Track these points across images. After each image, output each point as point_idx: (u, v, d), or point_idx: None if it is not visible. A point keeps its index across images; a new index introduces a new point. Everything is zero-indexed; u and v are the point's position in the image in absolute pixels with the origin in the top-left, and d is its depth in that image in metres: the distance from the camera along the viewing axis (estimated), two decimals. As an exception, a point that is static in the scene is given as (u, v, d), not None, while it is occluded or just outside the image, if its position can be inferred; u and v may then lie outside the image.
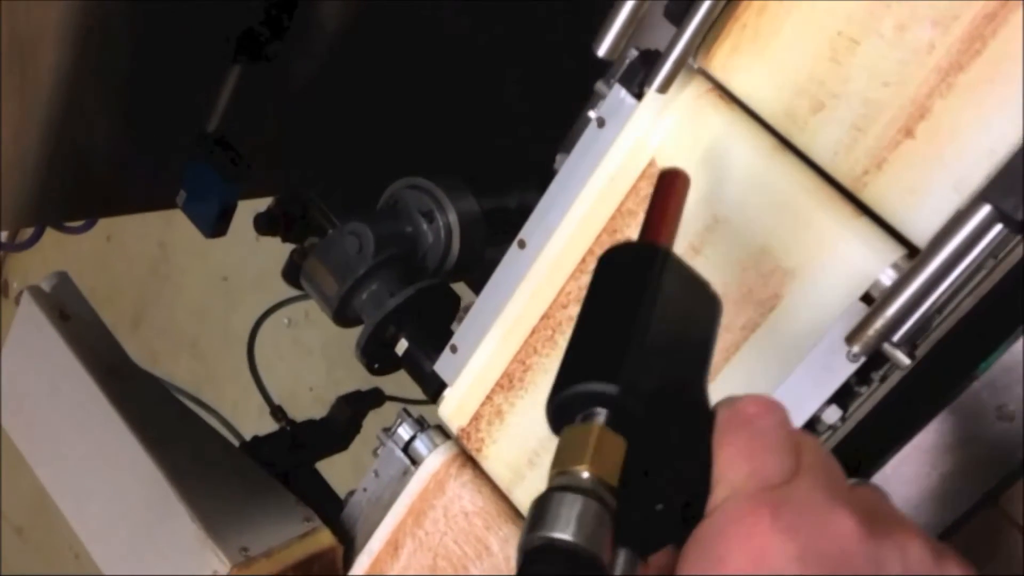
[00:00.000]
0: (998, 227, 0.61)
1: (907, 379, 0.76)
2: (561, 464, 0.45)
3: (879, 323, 0.62)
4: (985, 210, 0.59)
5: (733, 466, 0.44)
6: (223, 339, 3.80)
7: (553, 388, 0.49)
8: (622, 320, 0.49)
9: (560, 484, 0.44)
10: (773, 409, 0.47)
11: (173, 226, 4.10)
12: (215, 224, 1.11)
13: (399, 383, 1.61)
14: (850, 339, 0.66)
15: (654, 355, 0.47)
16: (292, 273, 1.54)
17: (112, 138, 1.07)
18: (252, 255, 3.57)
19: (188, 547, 1.05)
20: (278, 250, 1.71)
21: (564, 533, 0.42)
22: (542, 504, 0.44)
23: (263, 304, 1.76)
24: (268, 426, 1.38)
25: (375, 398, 1.43)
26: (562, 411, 0.48)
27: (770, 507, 0.42)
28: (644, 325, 0.48)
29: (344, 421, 1.36)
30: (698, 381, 0.50)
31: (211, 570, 1.02)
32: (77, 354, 1.14)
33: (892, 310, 0.61)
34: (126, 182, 1.14)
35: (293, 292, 1.66)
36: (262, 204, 1.58)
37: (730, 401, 0.48)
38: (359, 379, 1.56)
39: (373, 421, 1.39)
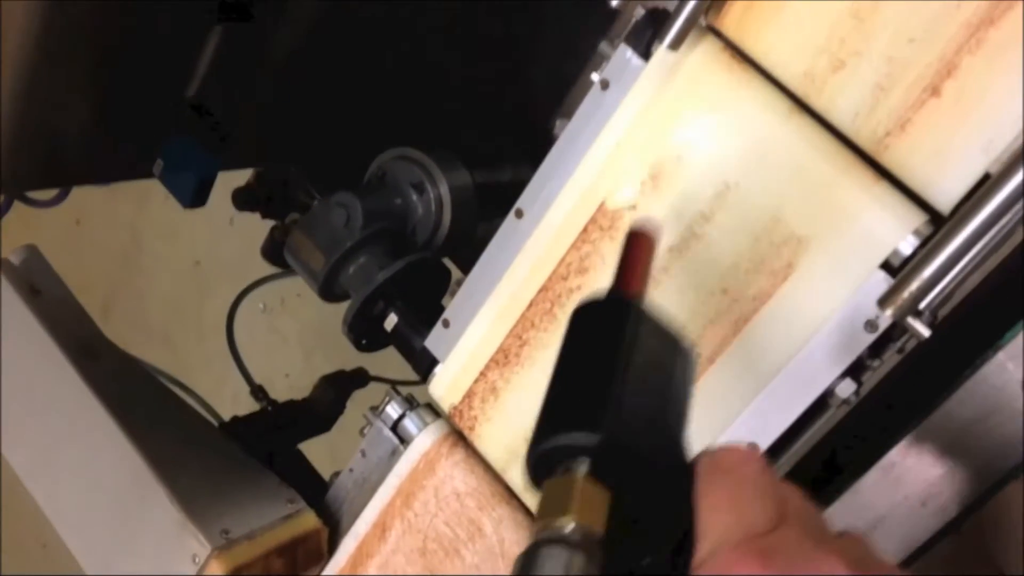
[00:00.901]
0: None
1: (926, 350, 0.73)
2: (545, 516, 0.45)
3: (915, 285, 0.59)
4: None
5: (718, 516, 0.44)
6: (196, 328, 3.74)
7: (533, 439, 0.49)
8: (599, 371, 0.49)
9: (545, 537, 0.43)
10: (753, 457, 0.47)
11: (144, 209, 4.02)
12: (194, 195, 1.06)
13: (384, 366, 1.58)
14: (883, 302, 0.63)
15: (633, 405, 0.47)
16: (272, 251, 1.50)
17: (85, 102, 1.01)
18: (226, 238, 3.51)
19: (167, 530, 1.00)
20: (253, 233, 1.66)
21: None
22: (528, 558, 0.43)
23: (237, 290, 1.71)
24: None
25: (359, 378, 1.39)
26: (543, 462, 0.48)
27: (759, 556, 0.41)
28: (622, 375, 0.48)
29: (327, 402, 1.32)
30: (677, 430, 0.50)
31: (191, 553, 0.98)
32: (49, 331, 1.09)
33: (930, 270, 0.58)
34: (100, 149, 1.09)
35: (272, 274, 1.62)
36: (239, 180, 1.53)
37: (710, 451, 0.48)
38: (337, 367, 1.52)
39: (357, 404, 1.36)
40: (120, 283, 3.94)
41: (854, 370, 0.76)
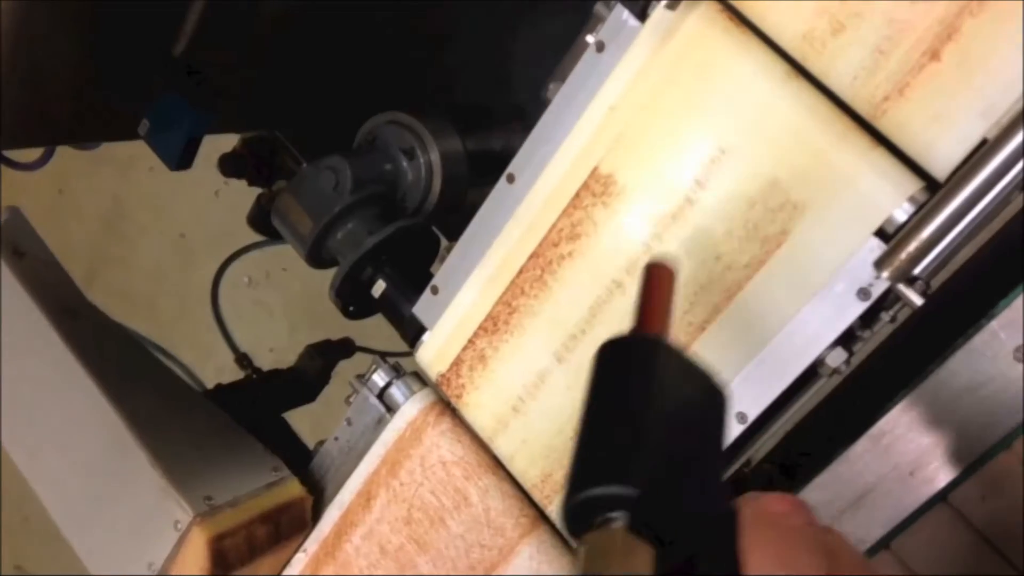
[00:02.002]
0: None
1: (918, 319, 0.73)
2: (590, 573, 0.43)
3: (912, 247, 0.58)
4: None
5: (767, 569, 0.43)
6: (180, 300, 3.71)
7: (568, 489, 0.47)
8: (630, 418, 0.48)
9: None
10: (800, 508, 0.46)
11: (128, 180, 3.98)
12: (180, 157, 1.04)
13: (372, 338, 1.57)
14: (880, 265, 0.62)
15: (668, 451, 0.46)
16: (258, 219, 1.48)
17: (70, 59, 0.99)
18: (211, 210, 3.48)
19: (149, 496, 0.99)
20: (238, 205, 1.63)
21: None
22: None
23: (222, 260, 1.69)
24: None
25: (346, 348, 1.37)
26: (579, 514, 0.46)
27: None
28: (654, 422, 0.47)
29: (313, 371, 1.31)
30: (715, 474, 0.49)
31: (173, 519, 0.97)
32: (32, 293, 1.07)
33: (927, 232, 0.57)
34: (85, 108, 1.07)
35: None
36: (225, 147, 1.51)
37: (754, 498, 0.46)
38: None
39: (342, 377, 1.34)
40: (103, 254, 3.90)
41: (845, 339, 0.76)
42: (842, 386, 0.78)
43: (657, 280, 0.57)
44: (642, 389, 0.49)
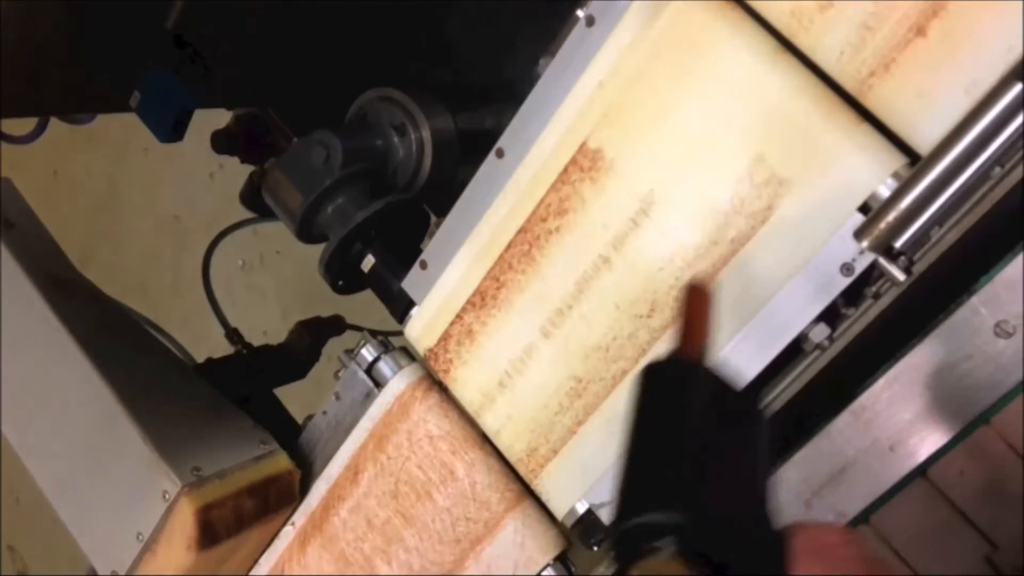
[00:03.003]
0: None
1: (901, 297, 0.73)
2: None
3: (892, 216, 0.59)
4: (1017, 89, 0.55)
5: None
6: (173, 282, 3.71)
7: (616, 517, 0.48)
8: (677, 444, 0.48)
9: None
10: (852, 540, 0.46)
11: (123, 162, 3.97)
12: (171, 129, 1.04)
13: (362, 317, 1.57)
14: (859, 234, 0.63)
15: (716, 477, 0.47)
16: (250, 196, 1.48)
17: (62, 28, 0.99)
18: (206, 193, 3.47)
19: (137, 467, 0.99)
20: (233, 188, 1.63)
21: None
22: None
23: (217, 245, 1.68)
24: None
25: (336, 325, 1.38)
26: (627, 540, 0.47)
27: None
28: (700, 450, 0.48)
29: (303, 347, 1.31)
30: (763, 500, 0.48)
31: (161, 490, 0.97)
32: (21, 264, 1.07)
33: (907, 201, 0.58)
34: (76, 79, 1.07)
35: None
36: (219, 126, 1.51)
37: (804, 527, 0.46)
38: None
39: (332, 357, 1.34)
40: (97, 236, 3.90)
41: (829, 315, 0.76)
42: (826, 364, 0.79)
43: (696, 301, 0.58)
44: (690, 417, 0.50)
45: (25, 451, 1.09)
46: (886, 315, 0.77)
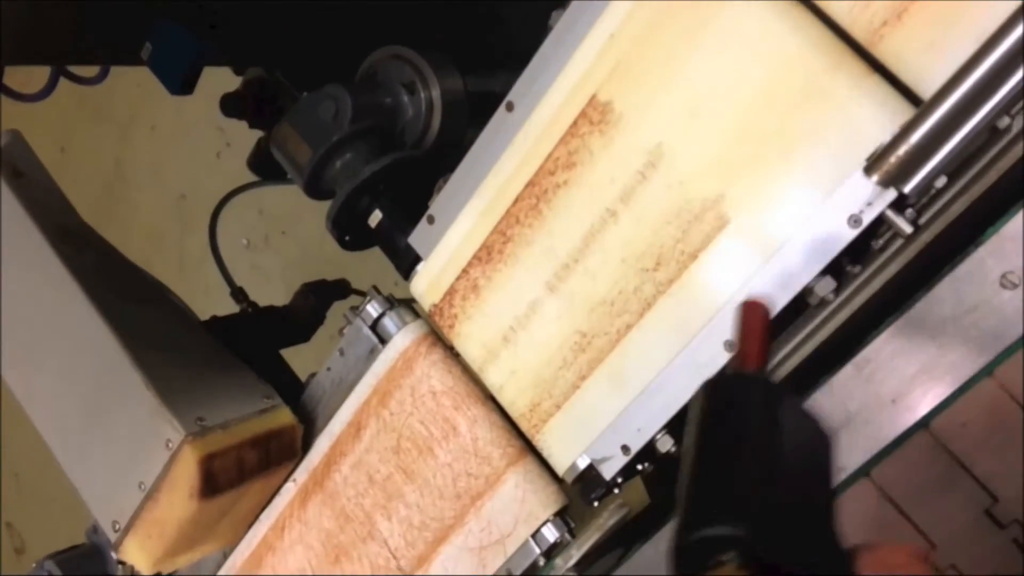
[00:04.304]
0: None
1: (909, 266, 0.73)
2: None
3: (902, 149, 0.59)
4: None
5: None
6: (177, 261, 3.71)
7: (679, 529, 0.47)
8: (744, 457, 0.48)
9: None
10: (918, 559, 0.46)
11: (130, 139, 3.98)
12: (182, 82, 1.05)
13: (367, 284, 1.57)
14: (869, 169, 0.63)
15: (781, 493, 0.47)
16: (259, 161, 1.49)
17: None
18: (212, 173, 3.47)
19: (142, 415, 1.00)
20: (240, 168, 1.63)
21: None
22: None
23: (221, 224, 1.68)
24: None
25: (340, 289, 1.38)
26: (691, 554, 0.47)
27: None
28: (769, 462, 0.48)
29: (308, 309, 1.31)
30: (828, 517, 0.48)
31: (165, 439, 0.98)
32: (30, 212, 1.07)
33: (919, 134, 0.58)
34: (87, 27, 1.06)
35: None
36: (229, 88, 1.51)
37: (871, 547, 0.46)
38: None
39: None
40: (103, 213, 3.90)
41: (835, 270, 0.76)
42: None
43: (754, 317, 0.58)
44: (752, 430, 0.50)
45: (29, 399, 1.10)
46: (896, 281, 0.77)
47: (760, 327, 0.57)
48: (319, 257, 3.26)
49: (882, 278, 0.76)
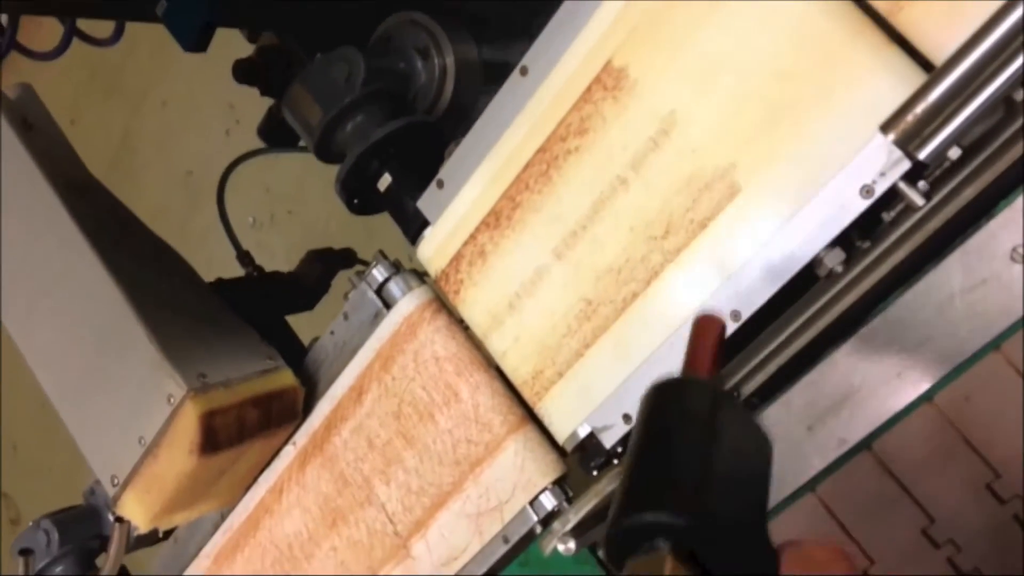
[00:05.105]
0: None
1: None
2: None
3: (920, 108, 0.58)
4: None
5: None
6: (181, 238, 3.70)
7: (615, 514, 0.49)
8: (685, 452, 0.50)
9: None
10: (841, 557, 0.46)
11: (140, 113, 3.98)
12: (197, 38, 1.04)
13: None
14: (886, 127, 0.62)
15: (719, 488, 0.48)
16: (269, 129, 1.48)
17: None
18: (221, 150, 3.47)
19: (144, 370, 0.99)
20: (249, 145, 1.63)
21: None
22: None
23: (228, 203, 1.68)
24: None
25: (346, 258, 1.38)
26: (625, 539, 0.48)
27: None
28: (709, 457, 0.49)
29: (313, 276, 1.31)
30: (761, 515, 0.50)
31: (167, 393, 0.98)
32: (38, 163, 1.07)
33: (937, 92, 0.58)
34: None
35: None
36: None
37: (797, 544, 0.47)
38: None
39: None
40: (109, 186, 3.89)
41: (845, 242, 0.76)
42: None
43: (707, 328, 0.60)
44: (692, 426, 0.51)
45: (31, 350, 1.10)
46: (907, 263, 0.76)
47: (710, 341, 0.59)
48: (324, 237, 3.26)
49: (891, 261, 0.76)
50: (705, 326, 0.60)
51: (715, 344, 0.59)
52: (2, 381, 3.68)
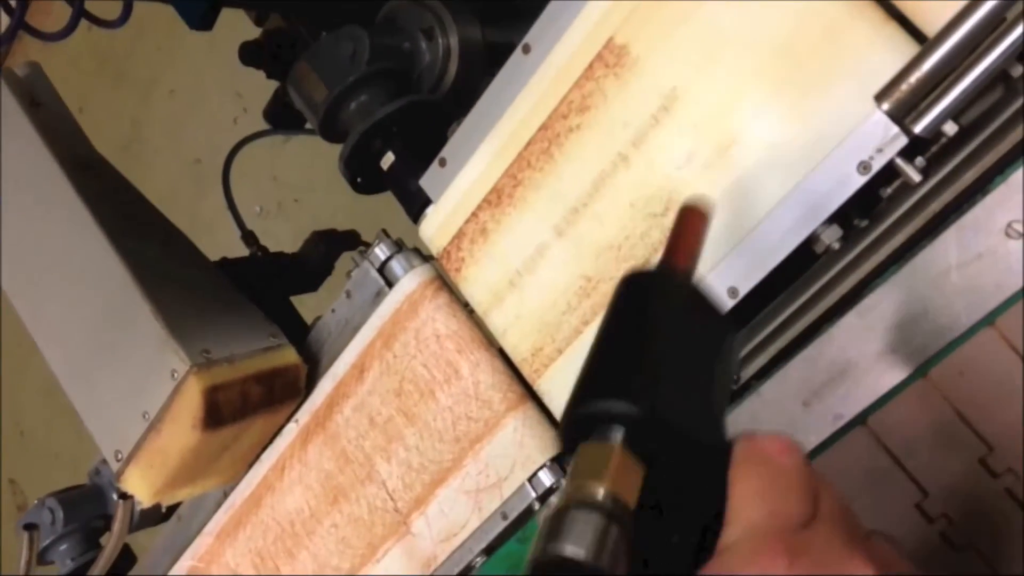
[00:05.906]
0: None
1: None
2: (579, 479, 0.45)
3: (914, 77, 0.59)
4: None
5: (750, 504, 0.43)
6: (189, 227, 3.71)
7: (571, 401, 0.48)
8: (643, 343, 0.49)
9: (577, 500, 0.43)
10: (793, 449, 0.46)
11: (148, 101, 3.99)
12: (202, 17, 1.05)
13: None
14: (880, 96, 0.63)
15: (675, 380, 0.48)
16: (275, 111, 1.49)
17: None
18: (230, 138, 3.48)
19: (148, 345, 1.01)
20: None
21: (580, 549, 0.41)
22: (558, 518, 0.43)
23: (236, 191, 1.69)
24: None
25: (351, 239, 1.39)
26: (579, 426, 0.47)
27: (787, 551, 0.41)
28: (666, 349, 0.49)
29: (317, 257, 1.32)
30: (718, 410, 0.49)
31: (170, 368, 0.99)
32: (46, 141, 1.08)
33: (931, 62, 0.58)
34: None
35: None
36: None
37: (749, 436, 0.47)
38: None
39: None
40: (118, 174, 3.92)
41: (843, 216, 0.77)
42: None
43: (691, 220, 0.59)
44: (660, 320, 0.51)
45: (37, 326, 1.11)
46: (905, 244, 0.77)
47: (694, 232, 0.58)
48: (331, 226, 3.27)
49: (891, 239, 0.76)
50: (690, 219, 0.59)
51: (697, 238, 0.58)
52: (8, 368, 3.70)
